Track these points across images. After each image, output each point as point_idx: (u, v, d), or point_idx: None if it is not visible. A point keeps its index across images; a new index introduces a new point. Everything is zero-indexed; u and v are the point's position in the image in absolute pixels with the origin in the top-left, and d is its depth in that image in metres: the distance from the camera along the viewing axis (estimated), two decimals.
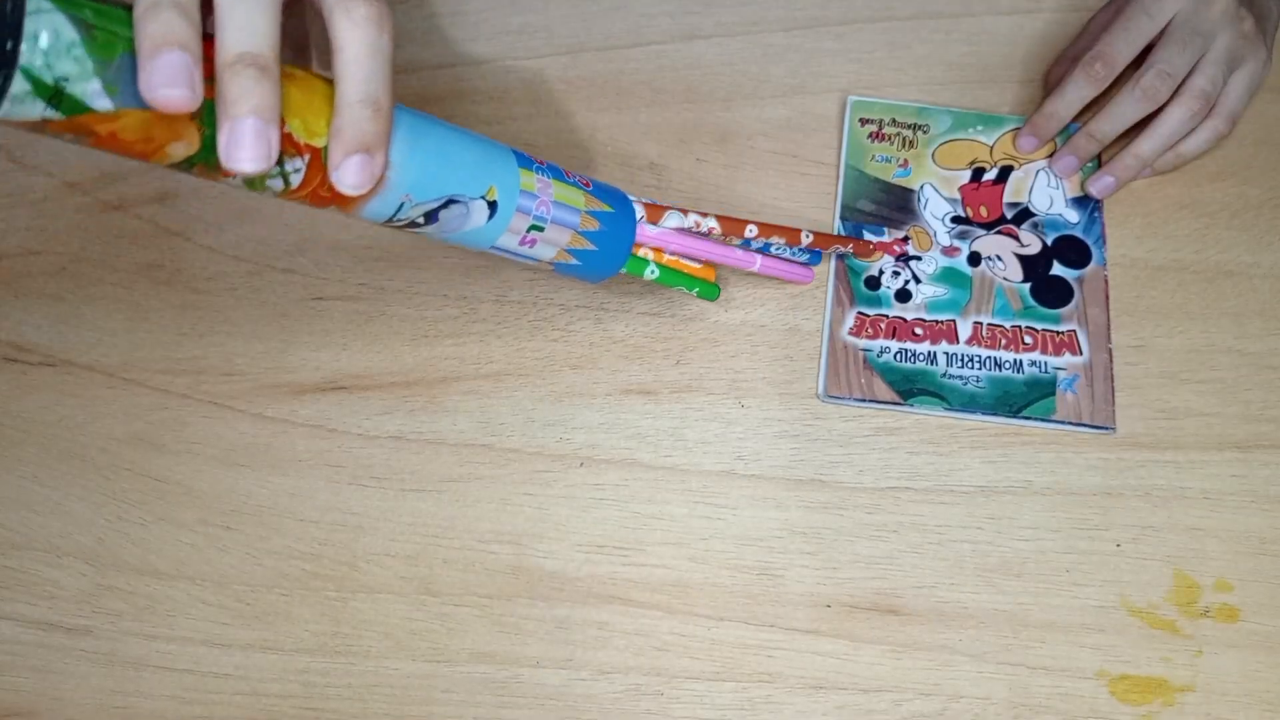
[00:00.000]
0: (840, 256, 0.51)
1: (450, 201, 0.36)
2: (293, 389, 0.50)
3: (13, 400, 0.50)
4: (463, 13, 0.60)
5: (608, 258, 0.42)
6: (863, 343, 0.49)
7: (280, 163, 0.32)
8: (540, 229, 0.39)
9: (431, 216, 0.36)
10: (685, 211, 0.44)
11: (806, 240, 0.47)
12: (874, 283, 0.50)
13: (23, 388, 0.50)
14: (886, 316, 0.49)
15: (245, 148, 0.29)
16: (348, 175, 0.32)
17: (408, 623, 0.45)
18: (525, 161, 0.39)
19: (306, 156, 0.32)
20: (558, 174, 0.40)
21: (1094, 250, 0.50)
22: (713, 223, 0.45)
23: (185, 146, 0.30)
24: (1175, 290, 0.50)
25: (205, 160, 0.31)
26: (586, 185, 0.41)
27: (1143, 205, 0.52)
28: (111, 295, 0.53)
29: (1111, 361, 0.48)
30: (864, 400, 0.47)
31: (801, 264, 0.49)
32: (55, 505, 0.48)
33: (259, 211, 0.54)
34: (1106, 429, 0.46)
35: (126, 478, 0.48)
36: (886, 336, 0.49)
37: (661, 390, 0.49)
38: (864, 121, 0.54)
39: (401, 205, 0.35)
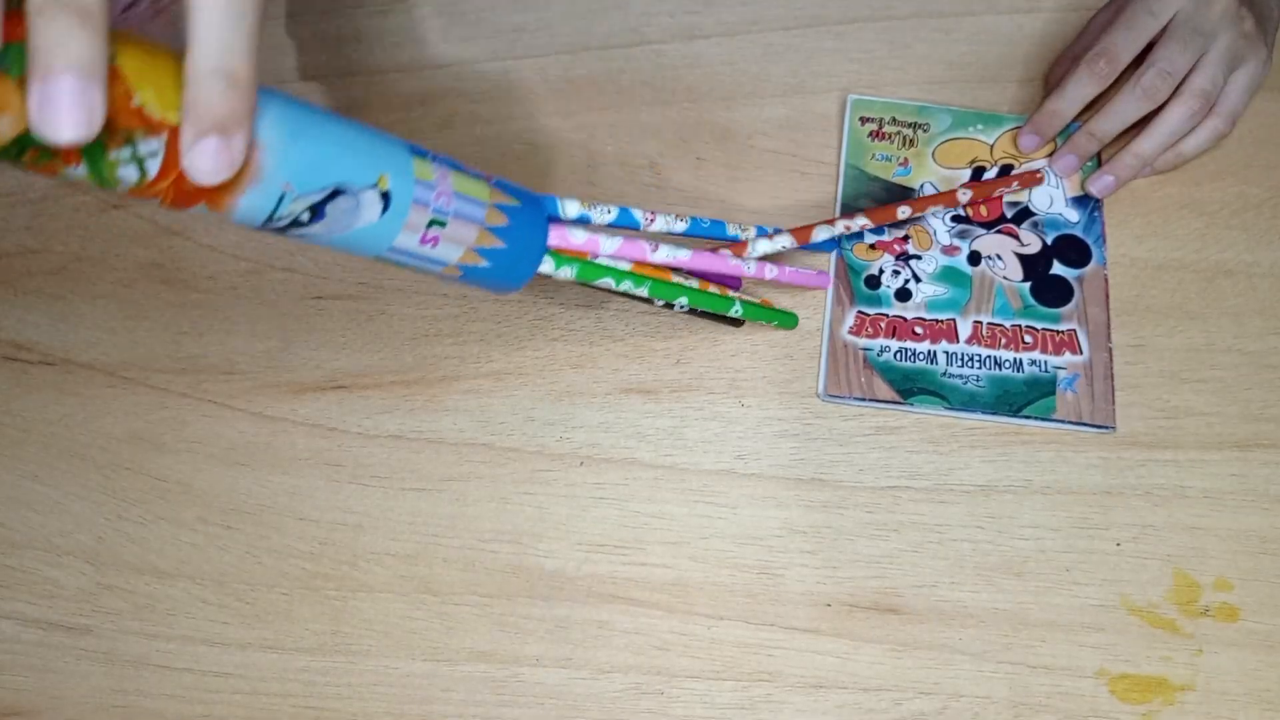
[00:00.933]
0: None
1: (337, 192, 0.32)
2: (292, 388, 0.50)
3: (12, 399, 0.50)
4: (462, 11, 0.60)
5: (521, 258, 0.38)
6: (863, 342, 0.49)
7: (132, 141, 0.27)
8: (442, 224, 0.35)
9: (318, 212, 0.32)
10: (832, 221, 0.46)
11: (965, 198, 0.50)
12: (874, 282, 0.50)
13: (22, 386, 0.50)
14: (886, 315, 0.49)
15: (62, 110, 0.24)
16: (201, 160, 0.27)
17: (407, 621, 0.45)
18: (420, 151, 0.35)
19: (164, 135, 0.27)
20: (456, 165, 0.36)
21: (1094, 249, 0.50)
22: (863, 220, 0.47)
23: (10, 123, 0.25)
24: (1175, 289, 0.50)
25: (39, 141, 0.25)
26: (489, 178, 0.38)
27: (1143, 204, 0.52)
28: (111, 294, 0.53)
29: (1111, 361, 0.48)
30: (864, 399, 0.47)
31: (816, 273, 0.49)
32: (55, 504, 0.48)
33: None
34: (1106, 428, 0.46)
35: (126, 476, 0.48)
36: (886, 335, 0.49)
37: (661, 390, 0.49)
38: (864, 120, 0.54)
39: (282, 197, 0.30)
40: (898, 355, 0.48)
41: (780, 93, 0.56)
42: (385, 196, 0.33)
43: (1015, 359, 0.48)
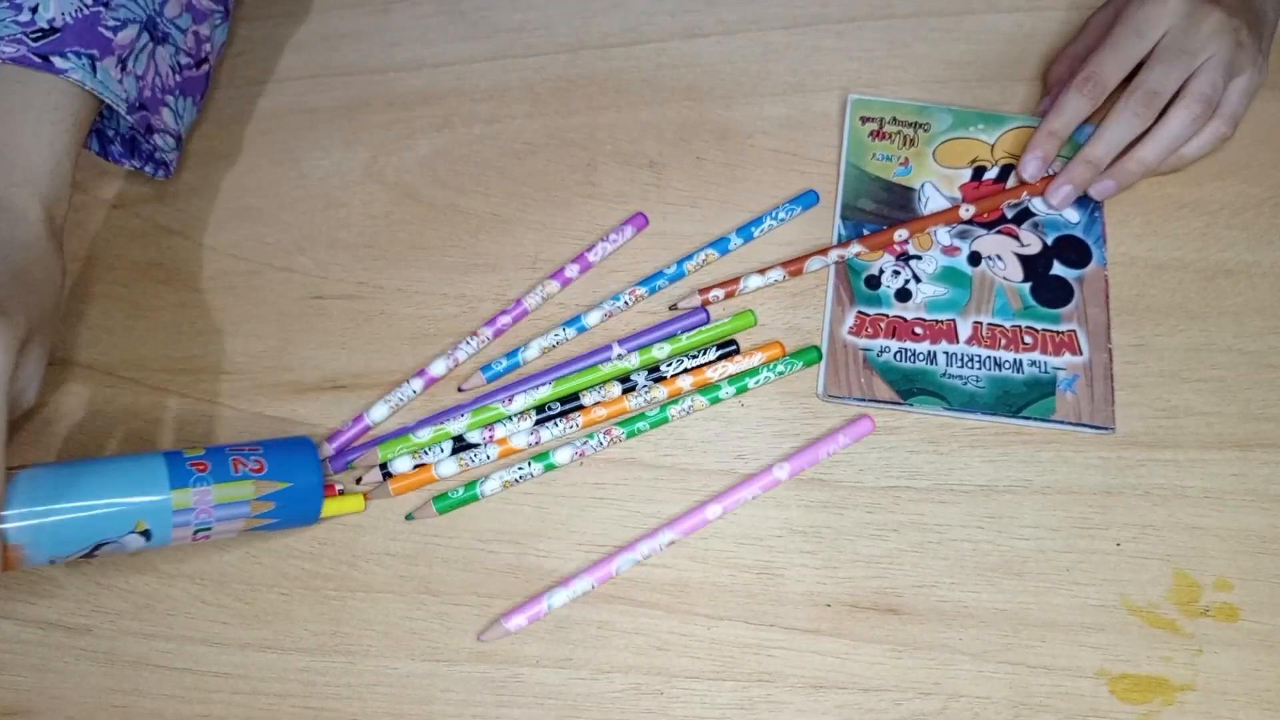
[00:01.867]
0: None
1: (100, 544, 0.39)
2: (292, 388, 0.50)
3: None
4: (462, 11, 0.60)
5: (294, 518, 0.44)
6: (863, 342, 0.48)
7: None
8: (207, 529, 0.41)
9: (88, 557, 0.40)
10: (825, 251, 0.49)
11: (968, 214, 0.50)
12: (874, 282, 0.50)
13: None
14: (886, 316, 0.49)
15: None
16: None
17: (407, 622, 0.44)
18: (181, 479, 0.40)
19: None
20: (222, 474, 0.41)
21: (1094, 250, 0.50)
22: (858, 247, 0.49)
23: None
24: (1175, 289, 0.50)
25: None
26: (258, 470, 0.42)
27: (1143, 204, 0.52)
28: (111, 294, 0.53)
29: (1111, 361, 0.48)
30: (864, 400, 0.47)
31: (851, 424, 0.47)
32: None
33: (258, 210, 0.54)
34: (1106, 429, 0.46)
35: None
36: (886, 336, 0.49)
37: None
38: (865, 120, 0.54)
39: (51, 561, 0.39)
40: (898, 355, 0.48)
41: (780, 92, 0.56)
42: (146, 534, 0.40)
43: (1015, 359, 0.48)
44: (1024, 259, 0.50)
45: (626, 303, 0.50)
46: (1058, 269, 0.50)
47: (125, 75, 0.47)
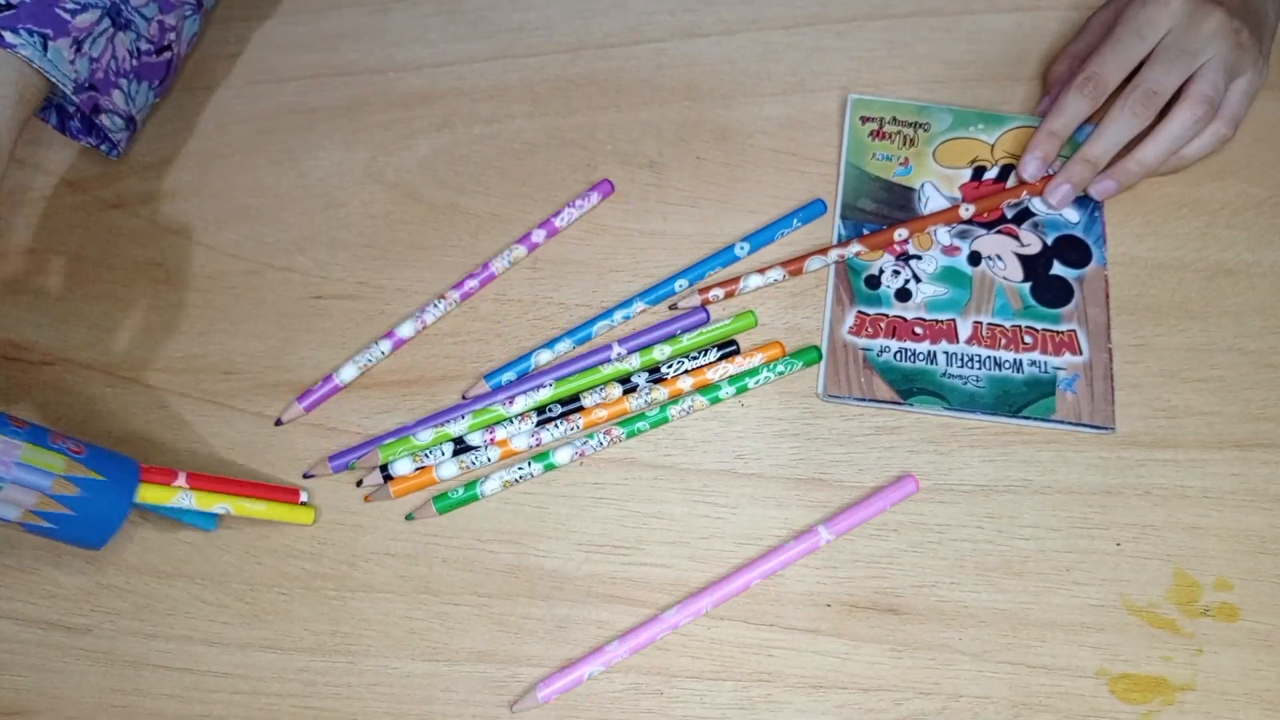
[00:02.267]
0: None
1: None
2: (292, 388, 0.50)
3: (12, 399, 0.50)
4: (462, 10, 0.60)
5: (88, 526, 0.42)
6: (863, 342, 0.48)
7: None
8: None
9: None
10: (825, 250, 0.49)
11: (967, 214, 0.50)
12: (874, 282, 0.50)
13: (22, 386, 0.50)
14: (886, 316, 0.49)
15: None
16: None
17: (407, 621, 0.44)
18: None
19: None
20: (38, 438, 0.40)
21: (1094, 250, 0.50)
22: (858, 246, 0.49)
23: None
24: (1175, 289, 0.50)
25: None
26: (77, 452, 0.41)
27: (1143, 204, 0.52)
28: (110, 294, 0.53)
29: (1111, 361, 0.48)
30: (864, 399, 0.47)
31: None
32: None
33: (258, 210, 0.54)
34: (1106, 429, 0.46)
35: None
36: (886, 336, 0.49)
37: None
38: (865, 119, 0.54)
39: None
40: (898, 355, 0.48)
41: (780, 91, 0.56)
42: None
43: (1015, 359, 0.48)
44: (1024, 259, 0.50)
45: (628, 316, 0.50)
46: (1058, 269, 0.50)
47: (79, 56, 0.48)
